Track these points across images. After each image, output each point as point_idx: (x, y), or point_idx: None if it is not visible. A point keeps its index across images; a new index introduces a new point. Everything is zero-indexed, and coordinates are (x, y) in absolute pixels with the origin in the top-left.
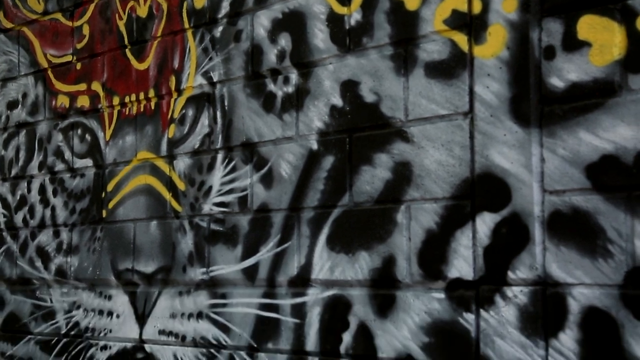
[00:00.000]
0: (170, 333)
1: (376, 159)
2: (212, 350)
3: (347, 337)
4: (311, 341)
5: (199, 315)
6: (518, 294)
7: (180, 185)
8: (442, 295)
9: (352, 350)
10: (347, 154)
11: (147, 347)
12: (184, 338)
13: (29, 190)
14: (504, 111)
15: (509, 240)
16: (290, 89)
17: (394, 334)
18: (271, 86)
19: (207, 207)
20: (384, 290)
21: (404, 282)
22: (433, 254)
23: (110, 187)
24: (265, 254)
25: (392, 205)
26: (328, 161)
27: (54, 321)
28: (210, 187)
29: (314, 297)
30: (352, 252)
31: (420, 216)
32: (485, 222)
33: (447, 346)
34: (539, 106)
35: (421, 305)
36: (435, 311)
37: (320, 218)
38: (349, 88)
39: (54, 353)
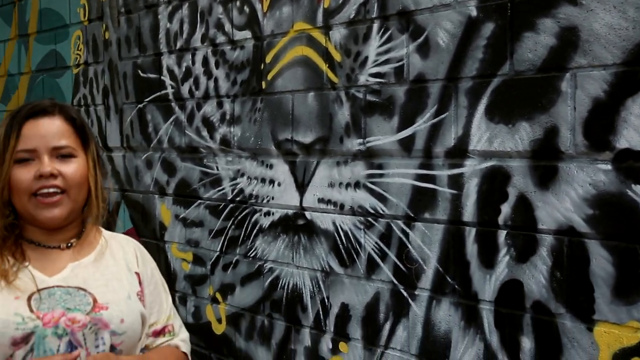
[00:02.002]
0: (329, 201)
1: (540, 25)
2: (370, 219)
3: (505, 209)
4: (468, 212)
5: (356, 184)
6: None
7: (336, 56)
8: (608, 167)
9: (511, 221)
10: (509, 20)
11: (307, 214)
12: (342, 206)
13: (193, 63)
14: None
15: None
16: None
17: (556, 206)
18: None
19: (363, 78)
20: (545, 161)
21: (567, 153)
22: (600, 123)
23: (268, 58)
24: (421, 124)
25: (556, 74)
26: (488, 28)
27: (220, 187)
28: (366, 58)
29: (472, 168)
30: (512, 123)
31: (586, 84)
32: None
33: (612, 219)
34: None
35: (585, 177)
36: (601, 183)
37: (478, 88)
38: None
39: (221, 217)
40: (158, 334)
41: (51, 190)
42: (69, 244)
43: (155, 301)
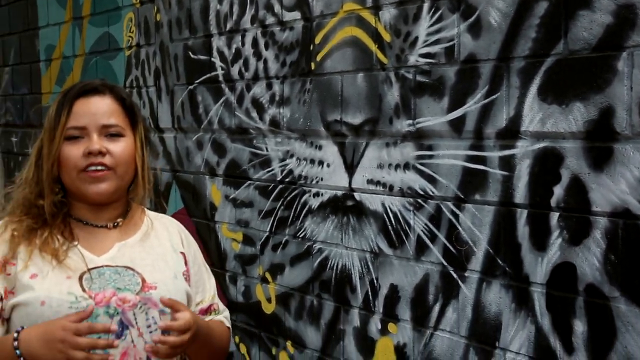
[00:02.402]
0: (378, 183)
1: (595, 3)
2: (419, 200)
3: (558, 190)
4: (520, 194)
5: (406, 166)
6: None
7: (386, 37)
8: None
9: (564, 203)
10: None
11: (356, 195)
12: (391, 188)
13: (242, 44)
14: None
15: None
16: None
17: (610, 188)
18: None
19: (412, 59)
20: (599, 142)
21: (623, 133)
22: None
23: (318, 39)
24: (472, 105)
25: (612, 53)
26: (541, 7)
27: (269, 168)
28: (416, 38)
29: (524, 149)
30: (565, 103)
31: None
32: None
33: None
34: None
35: None
36: None
37: (531, 68)
38: None
39: (271, 198)
40: (205, 312)
41: (99, 167)
42: (116, 224)
43: (200, 281)
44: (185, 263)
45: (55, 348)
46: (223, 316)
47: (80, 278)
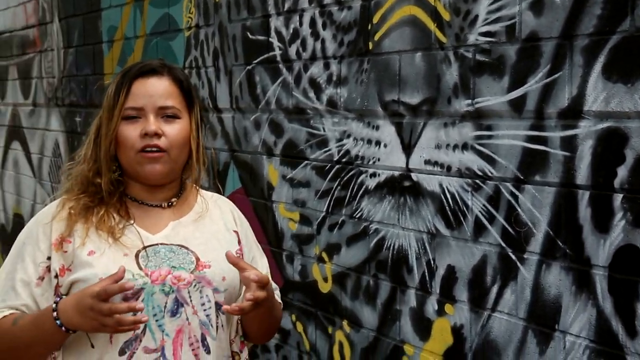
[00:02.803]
0: (435, 163)
1: None
2: (477, 181)
3: (622, 172)
4: (582, 174)
5: (464, 146)
6: None
7: (445, 15)
8: None
9: (628, 185)
10: None
11: (413, 175)
12: (449, 168)
13: (300, 24)
14: None
15: None
16: None
17: None
18: None
19: (472, 37)
20: None
21: None
22: None
23: (375, 19)
24: (533, 84)
25: None
26: None
27: (327, 148)
28: (476, 17)
29: (587, 129)
30: (631, 82)
31: None
32: None
33: None
34: None
35: None
36: None
37: (595, 46)
38: None
39: (327, 178)
40: None
41: (154, 149)
42: (170, 203)
43: (252, 259)
44: (239, 242)
45: (88, 316)
46: (275, 293)
47: (137, 256)
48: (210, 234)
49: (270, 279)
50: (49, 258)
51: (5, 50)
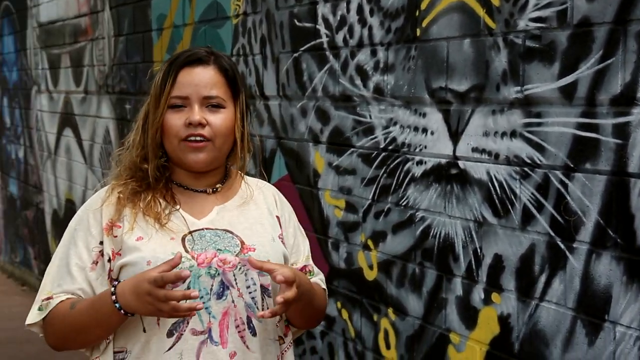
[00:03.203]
0: (483, 151)
1: None
2: (526, 169)
3: None
4: (634, 163)
5: (513, 133)
6: None
7: (495, 1)
8: None
9: None
10: None
11: (460, 163)
12: (497, 156)
13: (347, 11)
14: None
15: None
16: None
17: None
18: None
19: (522, 23)
20: None
21: None
22: None
23: (423, 5)
24: (584, 71)
25: None
26: None
27: (373, 136)
28: (527, 2)
29: (639, 116)
30: None
31: None
32: None
33: None
34: None
35: None
36: None
37: None
38: None
39: (374, 165)
40: None
41: (198, 138)
42: (215, 189)
43: (294, 243)
44: (280, 226)
45: (145, 301)
46: (318, 278)
47: (183, 240)
48: (254, 219)
49: (313, 265)
50: (101, 243)
51: (58, 38)
